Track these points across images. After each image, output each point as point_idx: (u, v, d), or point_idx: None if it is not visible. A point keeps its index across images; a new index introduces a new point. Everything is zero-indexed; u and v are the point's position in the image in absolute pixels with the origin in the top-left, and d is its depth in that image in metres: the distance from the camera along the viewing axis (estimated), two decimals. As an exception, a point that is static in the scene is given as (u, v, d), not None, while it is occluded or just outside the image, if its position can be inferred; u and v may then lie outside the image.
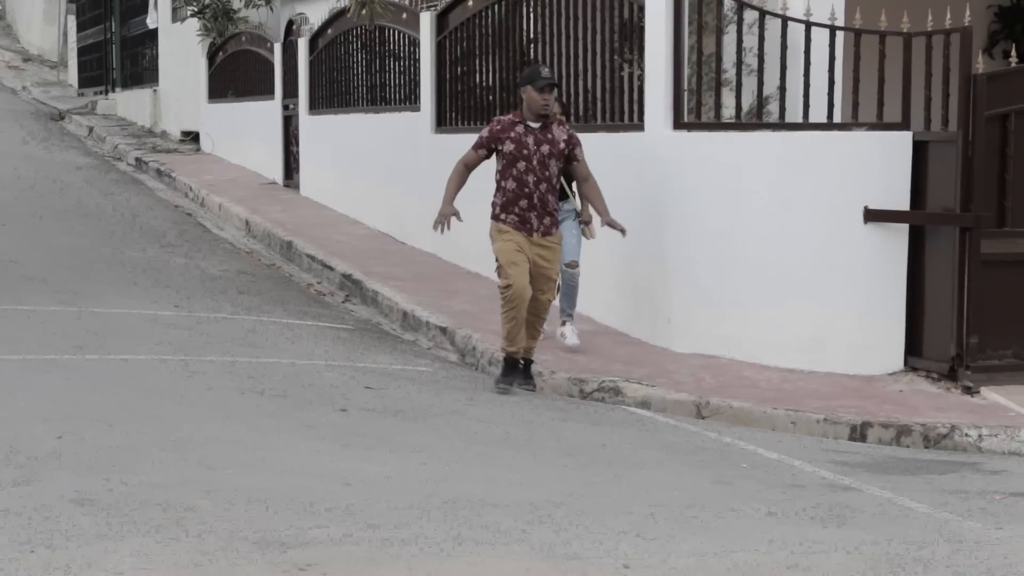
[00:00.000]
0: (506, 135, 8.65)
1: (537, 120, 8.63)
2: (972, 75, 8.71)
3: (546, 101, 8.57)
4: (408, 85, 14.85)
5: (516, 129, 8.65)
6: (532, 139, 8.62)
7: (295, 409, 7.59)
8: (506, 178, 8.67)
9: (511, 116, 8.78)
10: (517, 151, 8.60)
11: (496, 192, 8.73)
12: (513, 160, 8.61)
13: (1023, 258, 9.00)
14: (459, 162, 8.90)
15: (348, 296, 12.61)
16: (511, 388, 8.64)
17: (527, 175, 8.61)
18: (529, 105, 8.64)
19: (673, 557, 5.08)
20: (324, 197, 17.44)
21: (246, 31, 21.18)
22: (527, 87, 8.66)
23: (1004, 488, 6.72)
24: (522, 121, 8.66)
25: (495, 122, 8.82)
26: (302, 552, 4.79)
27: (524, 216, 8.62)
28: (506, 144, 8.63)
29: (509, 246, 8.57)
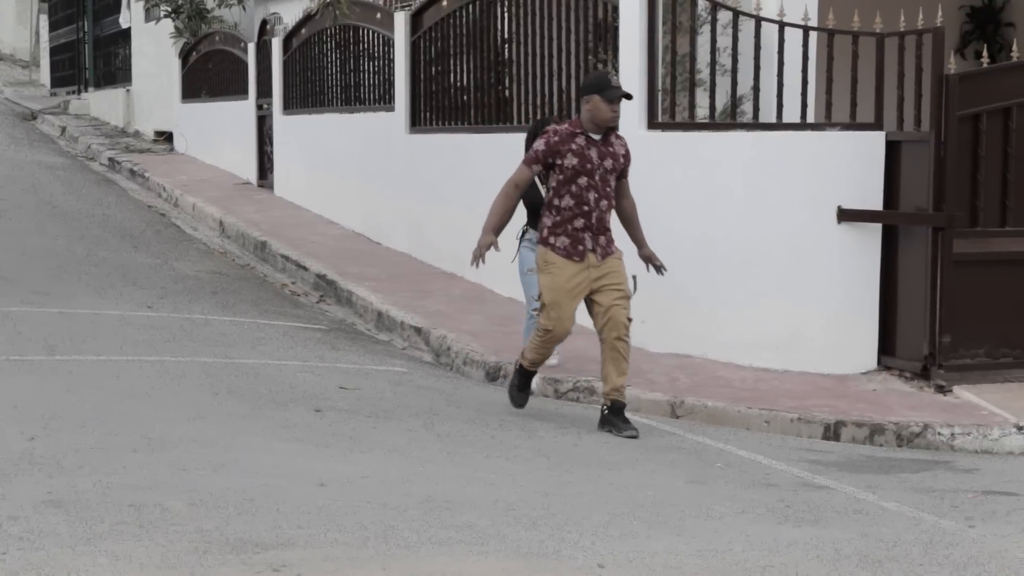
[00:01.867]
0: (566, 147, 7.61)
1: (598, 132, 7.67)
2: (944, 75, 8.75)
3: (615, 113, 7.67)
4: (382, 85, 14.83)
5: (576, 141, 7.63)
6: (595, 152, 7.63)
7: (269, 410, 7.57)
8: (561, 195, 7.62)
9: (567, 126, 7.75)
10: (580, 165, 7.58)
11: (548, 210, 7.71)
12: (574, 176, 7.59)
13: (995, 257, 9.05)
14: (508, 183, 7.81)
15: (322, 296, 12.59)
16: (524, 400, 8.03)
17: (588, 192, 7.60)
18: (594, 116, 7.62)
19: (647, 556, 5.09)
20: (298, 197, 17.40)
21: (220, 31, 21.12)
22: (593, 96, 7.62)
23: (976, 486, 6.76)
24: (583, 132, 7.65)
25: (551, 133, 7.71)
26: (276, 553, 4.78)
27: (577, 237, 7.59)
28: (567, 158, 7.59)
29: (556, 282, 7.59)
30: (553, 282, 7.60)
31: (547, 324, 7.65)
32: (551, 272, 7.61)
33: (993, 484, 6.84)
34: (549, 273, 7.61)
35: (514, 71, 12.00)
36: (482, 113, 12.59)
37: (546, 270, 7.63)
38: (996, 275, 8.95)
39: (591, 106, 7.62)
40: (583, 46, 10.81)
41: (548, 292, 7.61)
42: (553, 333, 7.69)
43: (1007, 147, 8.91)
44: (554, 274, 7.60)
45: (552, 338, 7.74)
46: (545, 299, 7.63)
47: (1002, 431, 7.94)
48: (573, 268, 7.57)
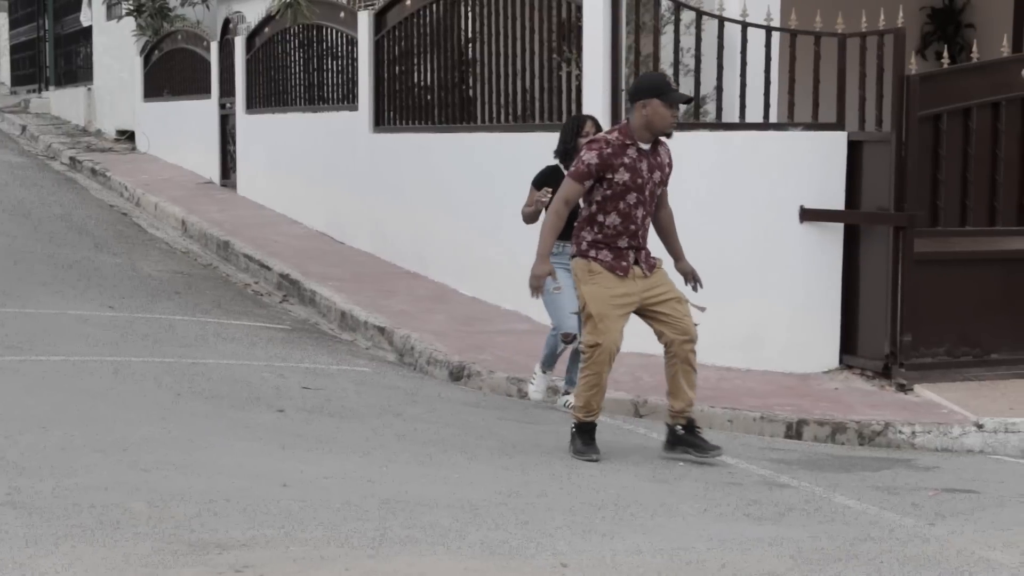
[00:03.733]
0: (619, 161, 6.80)
1: (649, 141, 6.89)
2: (905, 76, 8.80)
3: (676, 119, 6.92)
4: (346, 84, 14.80)
5: (628, 153, 6.83)
6: (646, 165, 6.87)
7: (232, 410, 7.54)
8: (608, 211, 6.85)
9: (617, 135, 6.88)
10: (631, 181, 6.82)
11: (588, 225, 6.92)
12: (623, 192, 6.82)
13: (956, 257, 9.12)
14: (558, 201, 6.99)
15: (286, 296, 12.55)
16: (597, 451, 7.00)
17: (636, 209, 6.87)
18: (651, 122, 6.81)
19: (611, 555, 5.09)
20: (262, 197, 17.35)
21: (182, 29, 21.03)
22: (652, 100, 6.78)
23: (936, 484, 6.80)
24: (634, 143, 6.85)
25: (602, 143, 6.86)
26: (239, 554, 4.76)
27: (621, 254, 6.88)
28: (619, 172, 6.80)
29: (603, 293, 6.84)
30: (599, 292, 6.84)
31: (595, 337, 6.83)
32: (596, 282, 6.86)
33: (953, 482, 6.88)
34: (594, 283, 6.86)
35: (478, 71, 12.00)
36: (446, 113, 12.58)
37: (590, 280, 6.87)
38: (956, 274, 9.02)
39: (649, 111, 6.80)
40: (547, 46, 10.81)
41: (594, 303, 6.83)
42: (603, 347, 6.82)
43: (967, 147, 8.98)
44: (599, 284, 6.85)
45: (602, 355, 6.84)
46: (592, 310, 6.82)
47: (962, 429, 8.00)
48: (617, 281, 6.85)
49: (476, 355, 9.56)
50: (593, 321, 6.83)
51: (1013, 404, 8.42)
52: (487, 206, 11.58)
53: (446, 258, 12.34)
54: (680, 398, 6.98)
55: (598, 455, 6.93)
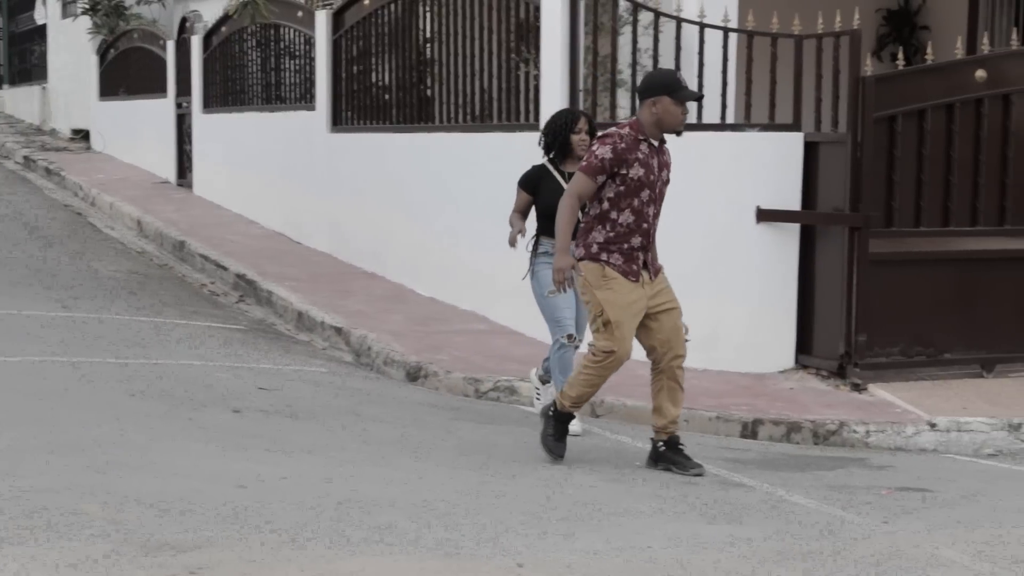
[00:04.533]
0: (632, 156, 6.67)
1: (658, 138, 6.79)
2: (861, 77, 8.86)
3: (685, 116, 6.82)
4: (304, 84, 14.75)
5: (641, 149, 6.70)
6: (656, 162, 6.77)
7: (187, 411, 7.49)
8: (621, 209, 6.70)
9: (629, 130, 6.74)
10: (645, 177, 6.69)
11: (599, 225, 6.74)
12: (637, 188, 6.69)
13: (910, 257, 9.20)
14: (571, 196, 6.78)
15: (242, 296, 12.49)
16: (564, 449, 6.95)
17: (648, 207, 6.75)
18: (661, 120, 6.69)
19: (567, 555, 5.10)
20: (218, 196, 17.26)
21: (138, 28, 20.89)
22: (662, 97, 6.67)
23: (890, 483, 6.85)
24: (646, 138, 6.73)
25: (616, 138, 6.70)
26: (193, 555, 4.73)
27: (633, 256, 6.73)
28: (633, 168, 6.67)
29: (620, 299, 6.68)
30: (616, 298, 6.67)
31: (611, 344, 6.66)
32: (612, 288, 6.69)
33: (907, 481, 6.93)
34: (610, 288, 6.69)
35: (436, 71, 11.99)
36: (404, 113, 12.56)
37: (605, 285, 6.69)
38: (911, 275, 9.09)
39: (659, 108, 6.67)
40: (505, 46, 10.81)
41: (613, 309, 6.65)
42: (617, 355, 6.69)
43: (921, 148, 9.05)
44: (615, 290, 6.68)
45: (615, 361, 6.72)
46: (611, 317, 6.65)
47: (916, 428, 8.06)
48: (630, 286, 6.71)
49: (433, 355, 9.55)
50: (611, 328, 6.66)
51: (966, 403, 8.50)
52: (445, 206, 11.57)
53: (404, 258, 12.32)
54: (663, 415, 6.86)
55: (562, 457, 6.88)
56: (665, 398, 6.84)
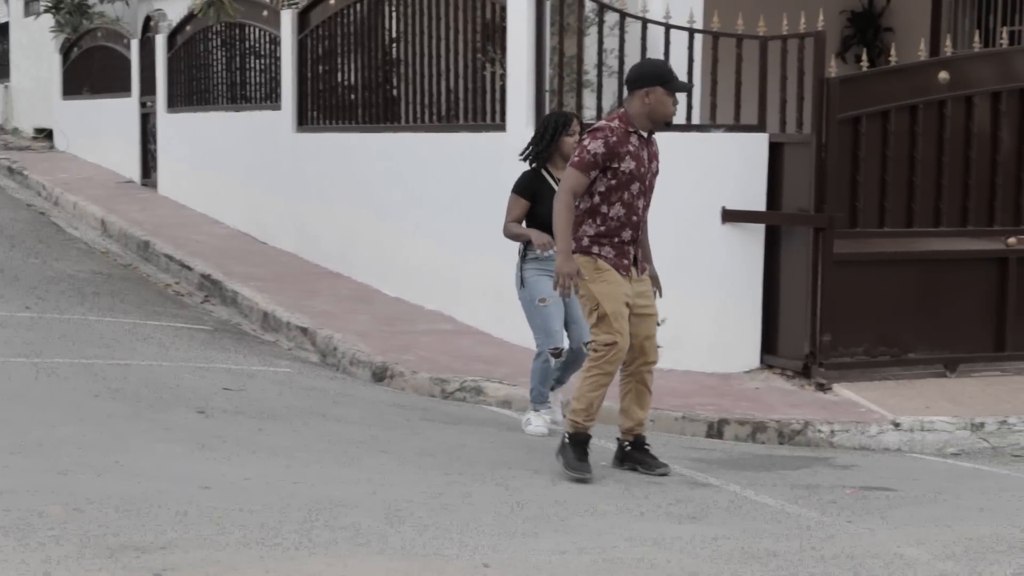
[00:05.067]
0: (624, 149, 6.56)
1: (647, 129, 6.67)
2: (825, 79, 8.90)
3: (676, 106, 6.77)
4: (269, 83, 14.71)
5: (631, 141, 6.60)
6: (646, 154, 6.68)
7: (151, 411, 7.46)
8: (612, 202, 6.59)
9: (618, 123, 6.62)
10: (636, 170, 6.59)
11: (589, 218, 6.62)
12: (628, 181, 6.58)
13: (874, 258, 9.25)
14: (565, 193, 6.58)
15: (207, 297, 12.44)
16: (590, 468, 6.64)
17: (638, 200, 6.66)
18: (654, 111, 6.60)
19: (533, 555, 5.10)
20: (183, 196, 17.18)
21: (102, 26, 20.79)
22: (656, 88, 6.58)
23: (854, 482, 6.89)
24: (636, 131, 6.62)
25: (606, 131, 6.58)
26: (158, 556, 4.71)
27: (623, 250, 6.64)
28: (625, 161, 6.56)
29: (615, 291, 6.57)
30: (611, 290, 6.55)
31: (612, 336, 6.51)
32: (606, 280, 6.57)
33: (871, 480, 6.97)
34: (604, 281, 6.57)
35: (402, 70, 11.97)
36: (370, 112, 12.54)
37: (599, 278, 6.57)
38: (875, 275, 9.14)
39: (652, 99, 6.58)
40: (471, 46, 10.81)
41: (609, 301, 6.53)
42: (619, 346, 6.53)
43: (885, 150, 9.10)
44: (608, 281, 6.57)
45: (617, 353, 6.55)
46: (608, 308, 6.51)
47: (880, 428, 8.11)
48: (621, 279, 6.61)
49: (399, 355, 9.54)
50: (608, 320, 6.52)
51: (929, 403, 8.56)
52: (411, 206, 11.56)
53: (370, 258, 12.30)
54: (630, 417, 6.82)
55: (591, 474, 6.56)
56: (632, 400, 6.80)
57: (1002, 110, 9.31)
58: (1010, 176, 9.37)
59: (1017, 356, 9.45)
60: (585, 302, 6.65)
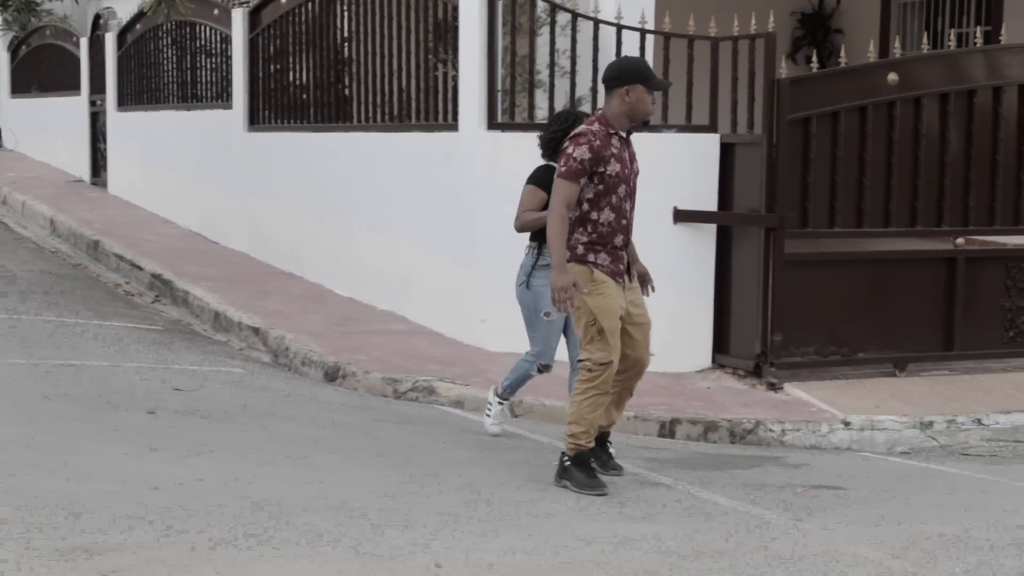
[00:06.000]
0: (608, 152, 6.37)
1: (626, 129, 6.49)
2: (776, 79, 8.95)
3: (654, 104, 6.65)
4: (220, 82, 14.63)
5: (614, 143, 6.41)
6: (627, 154, 6.51)
7: (101, 412, 7.40)
8: (601, 207, 6.40)
9: (598, 126, 6.41)
10: (621, 172, 6.42)
11: (580, 227, 6.42)
12: (615, 185, 6.40)
13: (825, 258, 9.32)
14: (558, 206, 6.34)
15: (158, 296, 12.35)
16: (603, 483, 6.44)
17: (626, 202, 6.48)
18: (634, 109, 6.42)
19: (486, 555, 5.10)
20: (134, 195, 17.07)
21: (51, 24, 20.62)
22: (636, 86, 6.39)
23: (805, 481, 6.93)
24: (616, 131, 6.44)
25: (589, 136, 6.36)
26: (107, 559, 4.67)
27: (617, 255, 6.46)
28: (610, 164, 6.37)
29: (612, 305, 6.37)
30: (608, 304, 6.35)
31: (608, 355, 6.35)
32: (603, 292, 6.35)
33: (821, 479, 7.01)
34: (600, 294, 6.34)
35: (354, 70, 11.94)
36: (322, 112, 12.49)
37: (596, 291, 6.35)
38: (825, 275, 9.20)
39: (633, 97, 6.39)
40: (423, 46, 10.80)
41: (606, 317, 6.32)
42: (612, 368, 6.38)
43: (835, 150, 9.16)
44: (606, 295, 6.36)
45: (612, 373, 6.40)
46: (605, 325, 6.32)
47: (830, 427, 8.16)
48: (617, 291, 6.42)
49: (352, 356, 9.52)
50: (604, 337, 6.32)
51: (879, 402, 8.63)
52: (363, 206, 11.53)
53: (322, 258, 12.26)
54: (605, 416, 6.66)
55: (605, 487, 6.38)
56: (612, 402, 6.64)
57: (950, 111, 9.40)
58: (958, 177, 9.46)
59: (965, 355, 9.54)
60: (580, 315, 6.39)
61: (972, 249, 9.64)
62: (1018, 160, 9.61)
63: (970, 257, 9.54)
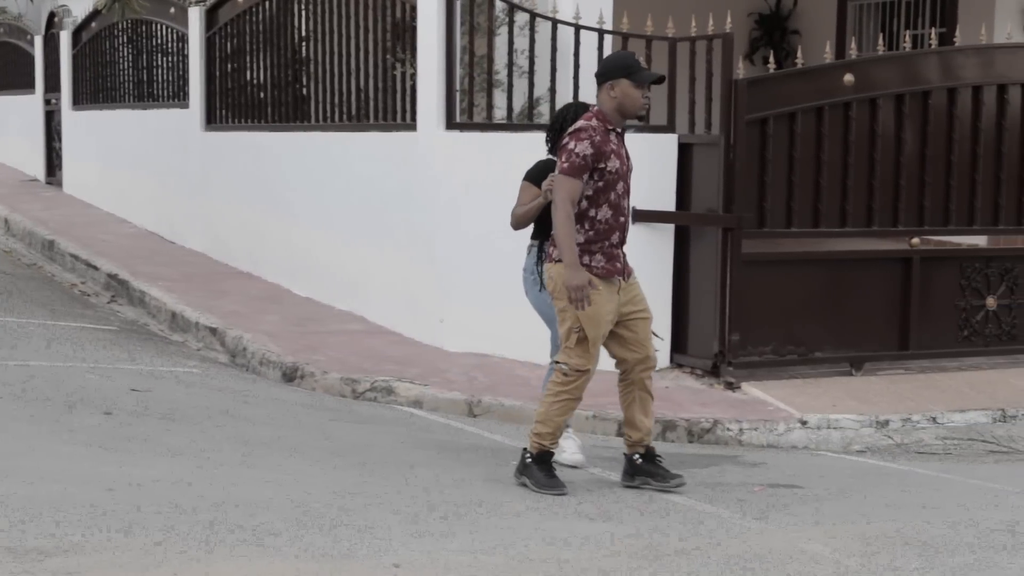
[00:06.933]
0: (608, 148, 6.28)
1: (621, 125, 6.40)
2: (733, 80, 8.99)
3: (647, 100, 6.43)
4: (177, 82, 14.55)
5: (611, 139, 6.32)
6: (624, 151, 6.43)
7: (56, 413, 7.34)
8: (599, 205, 6.31)
9: (596, 122, 6.33)
10: (620, 168, 6.33)
11: (578, 224, 6.31)
12: (614, 181, 6.31)
13: (782, 258, 9.37)
14: (565, 203, 6.24)
15: (114, 297, 12.27)
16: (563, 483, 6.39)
17: (623, 199, 6.39)
18: (622, 105, 6.32)
19: (444, 554, 5.10)
20: (89, 195, 16.95)
21: (4, 22, 20.45)
22: (620, 80, 6.29)
23: (762, 480, 6.96)
24: (613, 127, 6.35)
25: (589, 131, 6.28)
26: (61, 560, 4.64)
27: (614, 254, 6.36)
28: (610, 160, 6.28)
29: (600, 313, 6.27)
30: (595, 313, 6.24)
31: (587, 363, 6.30)
32: (594, 300, 6.25)
33: (778, 477, 7.05)
34: (592, 302, 6.25)
35: (312, 69, 11.90)
36: (279, 111, 12.45)
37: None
38: (782, 275, 9.24)
39: (618, 92, 6.29)
40: (381, 45, 10.77)
41: (593, 326, 6.25)
42: (589, 375, 6.34)
43: (792, 151, 9.21)
44: (596, 303, 6.24)
45: (587, 381, 6.37)
46: (590, 334, 6.25)
47: (787, 426, 8.21)
48: (609, 295, 6.32)
49: (310, 356, 9.49)
50: (587, 345, 6.27)
51: (835, 401, 8.68)
52: (321, 206, 11.50)
53: (279, 258, 12.21)
54: (637, 427, 6.54)
55: (565, 487, 6.34)
56: (637, 410, 6.53)
57: (905, 112, 9.46)
58: (913, 177, 9.52)
59: (921, 355, 9.61)
60: (565, 318, 6.32)
61: (927, 249, 9.72)
62: (972, 161, 9.69)
63: (925, 257, 9.62)
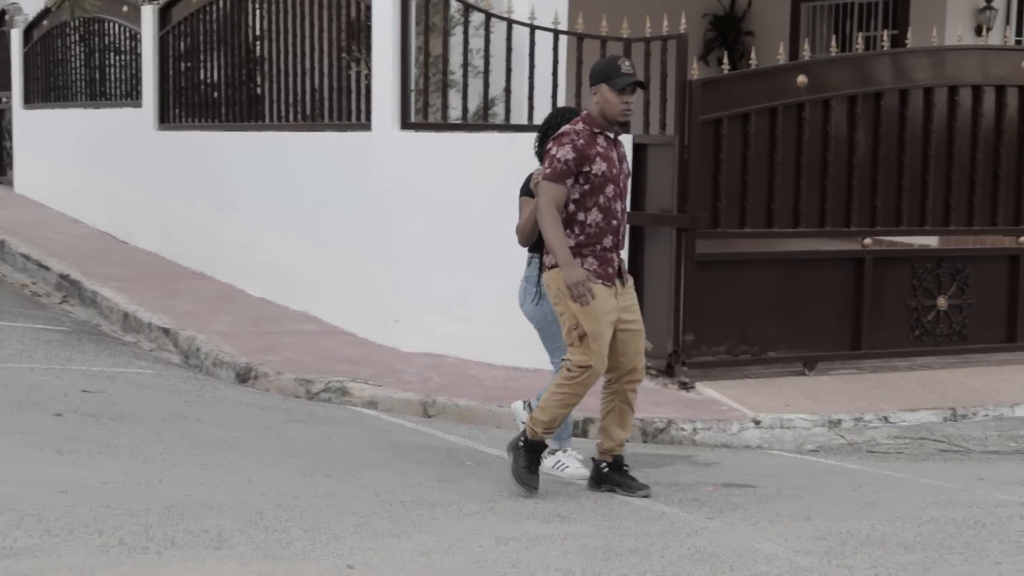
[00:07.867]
0: (593, 151, 6.30)
1: (611, 130, 6.41)
2: (688, 81, 9.02)
3: (627, 106, 6.37)
4: (130, 80, 14.46)
5: (599, 142, 6.35)
6: (616, 154, 6.42)
7: (5, 415, 7.27)
8: (588, 208, 6.31)
9: (582, 125, 6.36)
10: (608, 171, 6.33)
11: (568, 229, 6.33)
12: (602, 184, 6.31)
13: (736, 258, 9.40)
14: (549, 208, 6.26)
15: (65, 297, 12.17)
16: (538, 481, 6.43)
17: (615, 202, 6.37)
18: (603, 110, 6.34)
19: (398, 555, 5.09)
20: (41, 194, 16.81)
21: (-45, 20, 20.22)
22: (600, 86, 6.34)
23: (716, 479, 6.99)
24: (602, 131, 6.38)
25: (572, 135, 6.31)
26: (11, 563, 4.59)
27: (607, 258, 6.36)
28: (596, 163, 6.30)
29: (596, 308, 6.25)
30: (594, 308, 6.24)
31: (588, 358, 6.25)
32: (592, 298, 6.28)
33: (732, 477, 7.08)
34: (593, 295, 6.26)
35: (266, 68, 11.86)
36: (233, 111, 12.39)
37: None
38: (736, 275, 9.29)
39: (600, 97, 6.33)
40: (336, 45, 10.74)
41: (590, 321, 6.22)
42: (594, 369, 6.28)
43: (746, 151, 9.25)
44: (595, 298, 6.26)
45: (591, 376, 6.31)
46: (588, 329, 6.22)
47: (741, 425, 8.24)
48: (606, 294, 6.31)
49: (264, 356, 9.44)
50: (587, 341, 6.24)
51: (788, 401, 8.72)
52: (275, 206, 11.45)
53: (233, 258, 12.15)
54: (611, 437, 6.55)
55: (536, 489, 6.35)
56: (614, 420, 6.54)
57: (858, 113, 9.53)
58: (865, 178, 9.59)
59: (873, 354, 9.68)
60: (564, 319, 6.32)
61: (879, 249, 9.79)
62: (923, 162, 9.77)
63: (877, 257, 9.69)
